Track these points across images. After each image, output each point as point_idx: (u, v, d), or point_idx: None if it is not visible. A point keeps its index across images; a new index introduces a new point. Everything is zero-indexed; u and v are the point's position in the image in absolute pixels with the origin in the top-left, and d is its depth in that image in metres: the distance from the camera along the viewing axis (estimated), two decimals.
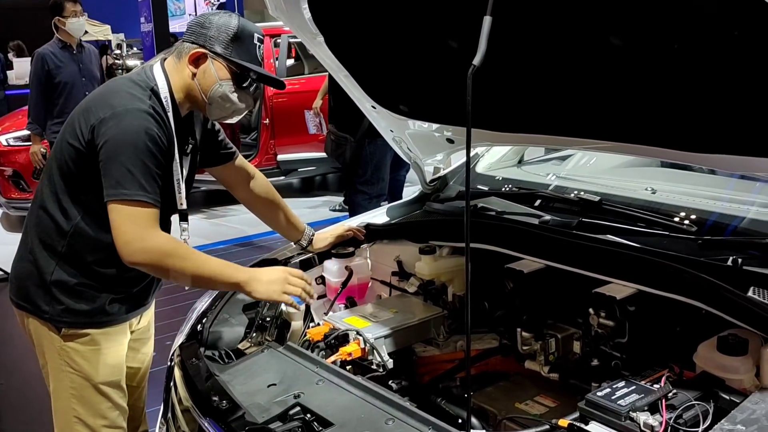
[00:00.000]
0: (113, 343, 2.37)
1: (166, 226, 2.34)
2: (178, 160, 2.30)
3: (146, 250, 2.11)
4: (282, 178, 9.05)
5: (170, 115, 2.26)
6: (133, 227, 2.10)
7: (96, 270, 2.27)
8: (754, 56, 1.63)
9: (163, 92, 2.27)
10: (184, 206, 2.38)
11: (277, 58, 8.68)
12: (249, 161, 8.72)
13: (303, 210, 8.61)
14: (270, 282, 2.24)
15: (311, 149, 8.59)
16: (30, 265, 2.31)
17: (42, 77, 6.10)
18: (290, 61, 9.67)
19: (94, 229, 2.24)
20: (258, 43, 2.33)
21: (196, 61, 2.29)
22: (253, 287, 2.23)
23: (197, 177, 2.57)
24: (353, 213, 5.92)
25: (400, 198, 7.24)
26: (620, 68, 1.93)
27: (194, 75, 2.29)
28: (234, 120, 2.41)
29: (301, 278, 2.33)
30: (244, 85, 2.32)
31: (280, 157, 8.72)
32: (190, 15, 20.06)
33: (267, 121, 8.62)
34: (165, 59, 2.36)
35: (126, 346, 2.45)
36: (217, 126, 2.59)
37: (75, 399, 2.33)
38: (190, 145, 2.42)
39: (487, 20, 1.49)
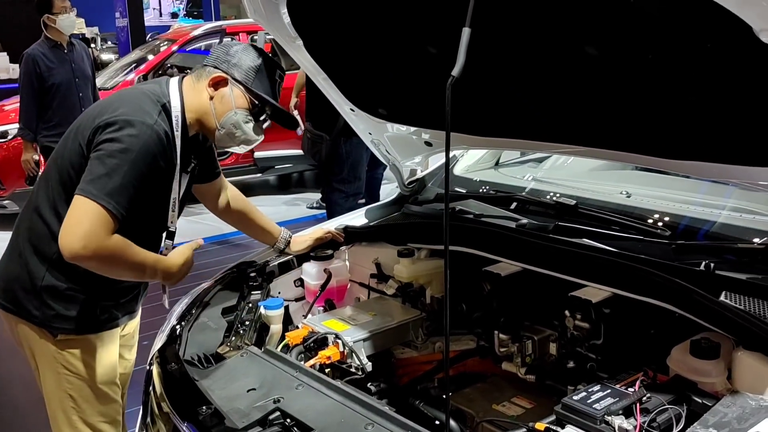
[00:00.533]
0: (108, 345, 2.38)
1: (155, 244, 2.36)
2: (177, 179, 2.30)
3: (88, 248, 2.06)
4: (259, 175, 9.03)
5: (178, 134, 2.25)
6: (85, 225, 2.05)
7: (87, 277, 2.24)
8: (726, 68, 1.66)
9: (175, 110, 2.26)
10: (174, 227, 2.40)
11: None
12: (226, 159, 8.64)
13: (280, 207, 8.59)
14: (183, 265, 2.33)
15: (288, 146, 8.57)
16: (19, 269, 2.30)
17: (34, 80, 5.80)
18: None
19: None
20: (278, 80, 2.36)
21: (216, 84, 2.30)
22: (174, 276, 2.32)
23: None
24: (330, 211, 5.93)
25: (377, 196, 7.28)
26: (596, 76, 1.96)
27: (212, 98, 2.29)
28: (240, 150, 2.41)
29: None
30: (260, 118, 2.34)
31: (257, 154, 8.69)
32: (154, 9, 19.82)
33: None
34: (184, 77, 2.36)
35: (118, 347, 2.46)
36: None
37: (73, 400, 2.34)
38: (192, 164, 2.42)
39: (465, 32, 1.51)
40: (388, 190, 5.34)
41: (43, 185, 2.30)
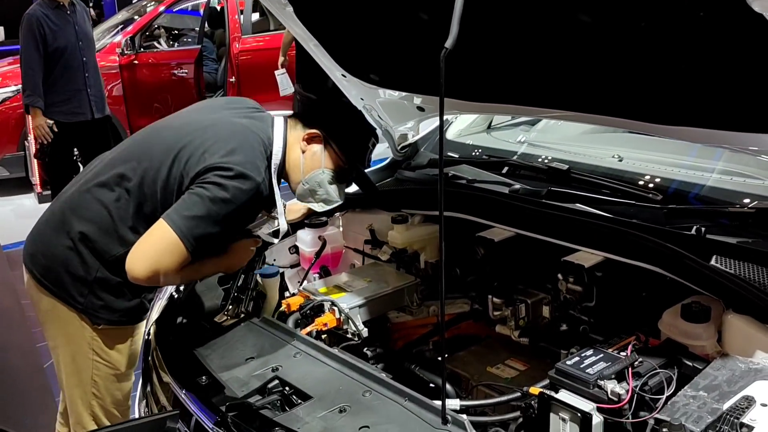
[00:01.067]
0: (137, 335, 2.40)
1: None
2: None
3: (155, 277, 2.08)
4: None
5: (275, 181, 2.24)
6: (160, 256, 2.06)
7: None
8: (718, 36, 1.66)
9: (276, 158, 2.24)
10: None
11: (242, 12, 8.57)
12: None
13: None
14: (245, 253, 2.36)
15: (279, 107, 8.52)
16: (70, 254, 2.23)
17: (39, 43, 5.41)
18: (255, 16, 9.53)
19: None
20: (371, 147, 2.34)
21: (311, 139, 2.27)
22: (239, 265, 2.38)
23: None
24: None
25: None
26: (589, 43, 1.96)
27: (303, 152, 2.27)
28: (317, 208, 2.35)
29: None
30: (343, 180, 2.33)
31: None
32: None
33: (233, 79, 8.52)
34: (288, 118, 2.33)
35: (143, 334, 2.48)
36: None
37: (96, 385, 2.35)
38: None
39: (459, 2, 1.50)
40: (380, 150, 5.28)
41: (115, 180, 2.22)
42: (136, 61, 8.23)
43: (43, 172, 7.84)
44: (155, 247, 2.07)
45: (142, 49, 8.28)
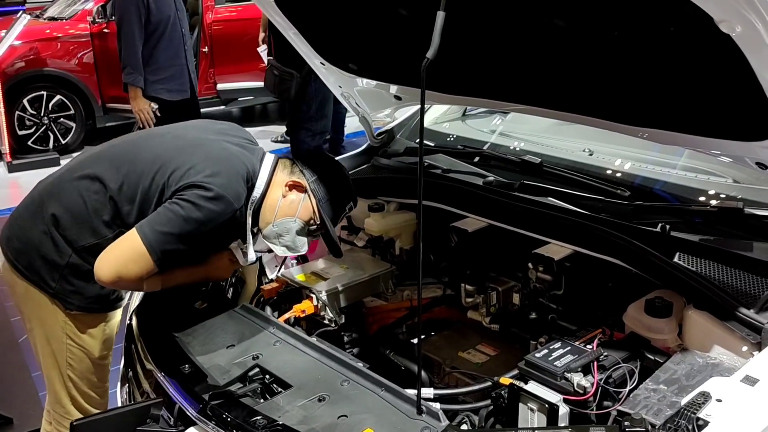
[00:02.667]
0: (112, 322, 2.46)
1: None
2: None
3: (119, 282, 2.18)
4: (222, 107, 8.96)
5: (250, 213, 2.29)
6: (127, 264, 2.14)
7: None
8: (686, 50, 1.74)
9: (257, 192, 2.27)
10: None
11: None
12: None
13: None
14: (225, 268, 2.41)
15: (251, 78, 8.49)
16: (44, 239, 2.28)
17: (141, 15, 4.86)
18: None
19: None
20: (347, 211, 2.40)
21: (294, 186, 2.30)
22: (215, 277, 2.43)
23: None
24: (295, 149, 5.93)
25: (342, 131, 7.28)
26: (563, 47, 2.01)
27: (283, 196, 2.29)
28: (279, 252, 2.36)
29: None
30: (311, 234, 2.35)
31: (220, 86, 8.61)
32: None
33: (206, 49, 8.46)
34: (279, 159, 2.36)
35: (119, 322, 2.53)
36: None
37: (71, 368, 2.40)
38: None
39: (440, 16, 1.55)
40: (355, 125, 5.28)
41: (100, 173, 2.26)
42: (107, 30, 8.12)
43: (14, 140, 7.77)
44: (124, 255, 2.14)
45: (113, 18, 8.18)
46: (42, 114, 8.00)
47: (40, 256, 2.29)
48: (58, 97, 8.05)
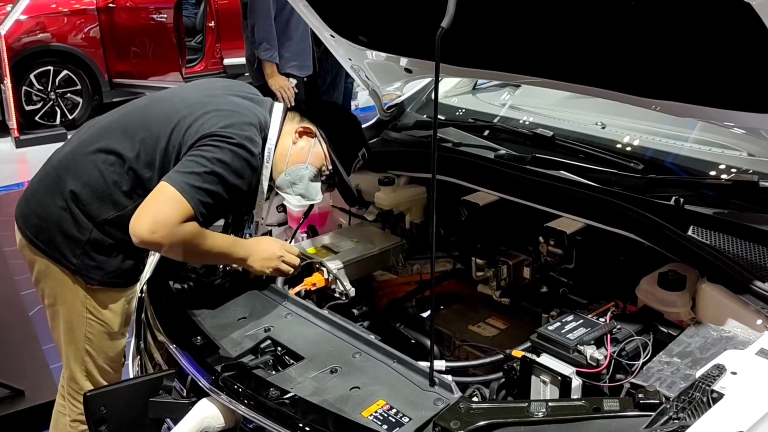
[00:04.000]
0: (130, 296, 2.44)
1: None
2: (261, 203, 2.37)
3: (158, 232, 2.07)
4: None
5: (268, 165, 2.27)
6: (163, 211, 2.07)
7: (129, 240, 2.20)
8: (702, 20, 1.71)
9: (270, 144, 2.26)
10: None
11: None
12: (194, 66, 8.39)
13: None
14: (265, 259, 2.28)
15: None
16: (63, 215, 2.25)
17: None
18: None
19: None
20: (360, 159, 2.36)
21: (304, 133, 2.29)
22: (250, 264, 2.28)
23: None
24: None
25: (349, 105, 7.25)
26: (576, 17, 1.99)
27: (294, 143, 2.29)
28: (293, 200, 2.35)
29: (294, 255, 2.37)
30: (324, 180, 2.34)
31: (227, 61, 8.55)
32: None
33: (212, 23, 8.40)
34: (288, 109, 2.35)
35: (137, 297, 2.52)
36: None
37: (90, 342, 2.40)
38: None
39: None
40: (365, 98, 5.19)
41: (114, 144, 2.24)
42: (113, 5, 8.08)
43: (21, 116, 7.77)
44: (155, 204, 2.09)
45: None
46: (49, 89, 8.00)
47: (60, 232, 2.27)
48: (64, 72, 8.04)
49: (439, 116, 3.05)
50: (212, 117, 2.18)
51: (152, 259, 2.51)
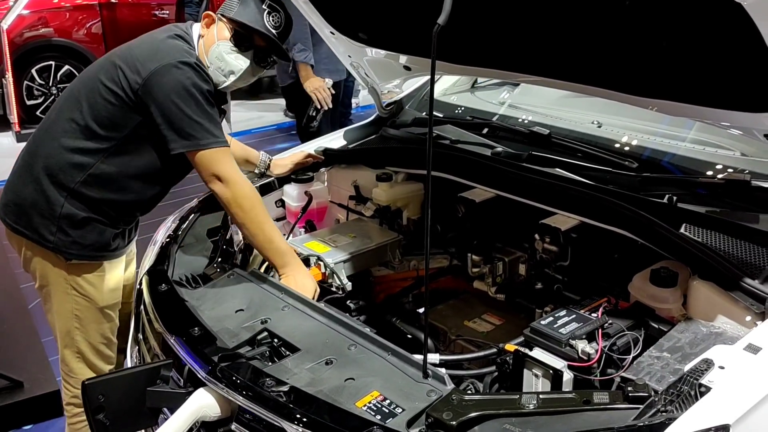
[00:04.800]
0: (114, 270, 2.50)
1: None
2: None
3: (224, 180, 2.28)
4: None
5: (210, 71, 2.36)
6: (222, 167, 2.27)
7: (104, 208, 2.38)
8: (699, 20, 1.74)
9: (196, 52, 2.36)
10: None
11: None
12: None
13: (253, 113, 8.57)
14: (302, 286, 2.33)
15: None
16: (36, 194, 2.36)
17: None
18: None
19: (116, 171, 2.34)
20: (266, 9, 2.36)
21: (207, 24, 2.39)
22: (287, 276, 2.35)
23: None
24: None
25: (350, 106, 7.27)
26: (573, 16, 2.01)
27: (201, 37, 2.37)
28: (231, 83, 2.40)
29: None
30: (243, 46, 2.36)
31: None
32: None
33: None
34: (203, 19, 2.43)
35: (123, 272, 2.59)
36: None
37: (78, 320, 2.47)
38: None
39: None
40: (365, 95, 5.17)
41: (67, 115, 2.35)
42: (115, 0, 8.10)
43: (22, 110, 7.79)
44: (207, 172, 2.28)
45: None
46: (50, 84, 8.01)
47: (37, 213, 2.37)
48: (66, 67, 8.05)
49: (437, 113, 3.09)
50: (141, 54, 2.29)
51: (150, 250, 2.54)
